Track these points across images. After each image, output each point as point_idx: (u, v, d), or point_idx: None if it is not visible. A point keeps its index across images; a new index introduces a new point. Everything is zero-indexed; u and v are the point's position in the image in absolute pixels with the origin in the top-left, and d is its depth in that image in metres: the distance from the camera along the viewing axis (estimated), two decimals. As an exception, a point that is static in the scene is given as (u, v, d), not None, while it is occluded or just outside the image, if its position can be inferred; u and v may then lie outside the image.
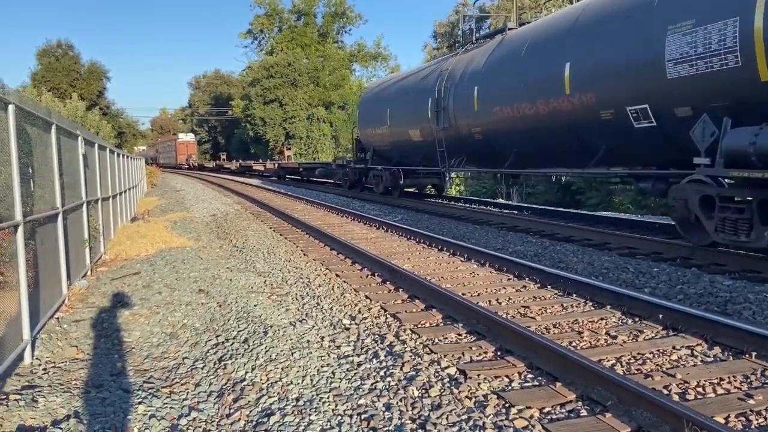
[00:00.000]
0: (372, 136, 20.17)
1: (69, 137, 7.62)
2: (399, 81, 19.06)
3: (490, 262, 7.94)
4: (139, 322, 5.97)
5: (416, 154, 17.34)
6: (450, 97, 14.58)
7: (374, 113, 19.76)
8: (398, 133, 18.00)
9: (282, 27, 60.49)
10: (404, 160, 18.56)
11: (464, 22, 46.54)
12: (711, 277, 6.91)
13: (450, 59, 15.57)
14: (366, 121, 20.71)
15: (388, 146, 19.25)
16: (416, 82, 17.14)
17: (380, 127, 19.17)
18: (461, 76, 14.28)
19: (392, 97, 18.69)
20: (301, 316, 5.76)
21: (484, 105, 13.07)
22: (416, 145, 17.01)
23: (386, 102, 18.92)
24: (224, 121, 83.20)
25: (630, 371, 4.15)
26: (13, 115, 4.55)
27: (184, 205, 19.64)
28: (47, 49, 60.80)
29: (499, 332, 4.82)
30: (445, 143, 14.99)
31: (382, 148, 19.78)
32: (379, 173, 19.87)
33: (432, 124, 15.45)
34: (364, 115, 21.15)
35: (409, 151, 17.84)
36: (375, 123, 19.61)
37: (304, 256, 9.29)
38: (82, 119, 44.85)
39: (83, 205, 8.25)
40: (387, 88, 19.85)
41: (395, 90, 18.77)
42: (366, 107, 21.25)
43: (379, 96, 20.12)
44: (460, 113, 14.26)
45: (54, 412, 3.66)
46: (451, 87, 14.60)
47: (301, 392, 3.94)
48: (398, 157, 18.86)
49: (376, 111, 19.52)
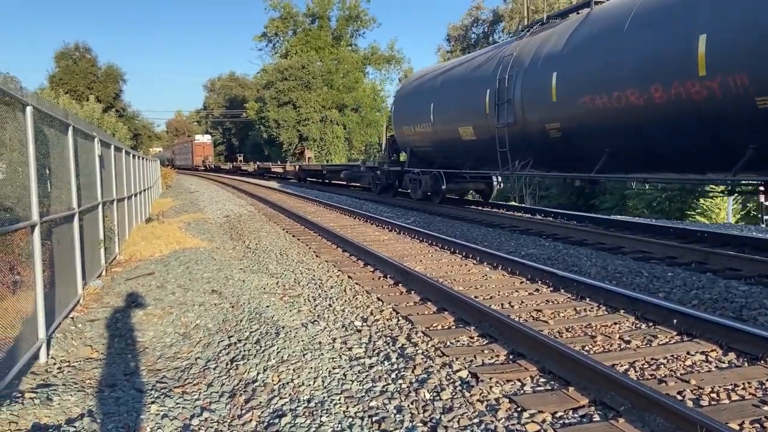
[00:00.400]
0: (410, 136, 18.15)
1: (86, 139, 7.71)
2: (445, 72, 16.54)
3: (502, 265, 7.91)
4: (152, 322, 6.01)
5: (466, 155, 15.22)
6: (516, 86, 12.27)
7: (413, 109, 17.63)
8: (444, 132, 15.82)
9: (296, 30, 60.75)
10: (450, 162, 16.42)
11: (477, 25, 46.52)
12: (726, 282, 6.83)
13: (513, 43, 13.25)
14: (402, 119, 18.67)
15: (429, 146, 17.15)
16: (468, 72, 14.81)
17: (421, 124, 17.07)
18: (532, 61, 11.95)
19: (437, 90, 16.34)
20: (313, 318, 5.77)
21: (566, 94, 10.84)
22: (467, 145, 14.83)
23: (429, 96, 16.66)
24: (238, 124, 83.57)
25: (644, 376, 4.11)
26: (31, 117, 4.61)
27: (198, 207, 19.77)
28: (65, 51, 61.47)
29: (512, 335, 4.80)
30: (508, 142, 12.58)
31: (422, 149, 17.71)
32: (416, 177, 17.91)
33: (490, 120, 13.21)
34: (400, 113, 19.07)
35: (457, 152, 15.66)
36: (414, 120, 17.54)
37: (316, 257, 9.31)
38: (99, 121, 45.30)
39: (99, 205, 8.33)
40: (430, 80, 17.32)
41: (441, 82, 16.34)
42: (403, 103, 19.04)
43: (420, 90, 17.73)
44: (530, 106, 11.98)
45: (68, 411, 3.69)
46: (517, 75, 12.30)
47: (313, 394, 3.95)
48: (442, 158, 16.78)
49: (416, 107, 17.37)
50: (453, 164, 16.26)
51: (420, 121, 17.08)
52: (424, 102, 16.81)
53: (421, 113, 16.90)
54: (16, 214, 4.68)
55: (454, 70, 16.09)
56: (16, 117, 4.65)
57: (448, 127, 15.54)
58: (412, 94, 18.41)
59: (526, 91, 12.05)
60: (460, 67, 15.85)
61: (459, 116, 14.87)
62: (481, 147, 14.18)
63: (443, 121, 15.79)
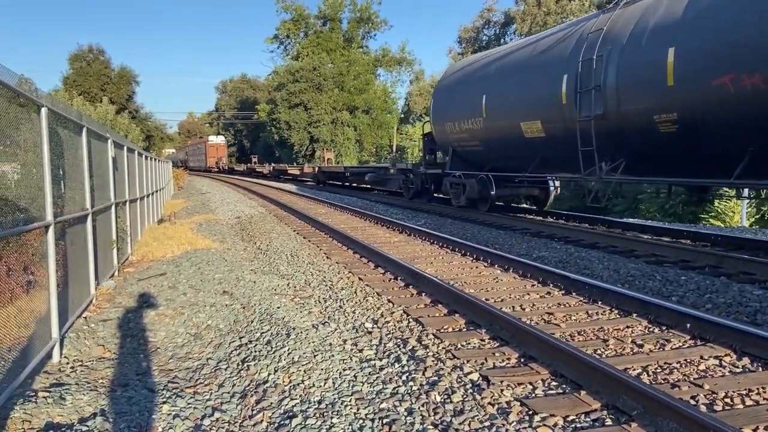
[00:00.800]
0: (452, 134, 15.74)
1: (99, 140, 7.77)
2: (501, 57, 14.09)
3: (513, 268, 7.88)
4: (164, 322, 6.04)
5: (529, 155, 12.70)
6: (608, 69, 9.93)
7: (458, 103, 15.34)
8: (499, 128, 13.46)
9: (308, 32, 60.98)
10: (505, 164, 14.01)
11: (489, 27, 46.40)
12: (740, 286, 6.77)
13: (600, 16, 10.84)
14: (443, 115, 16.27)
15: (478, 146, 14.80)
16: (534, 56, 12.41)
17: (468, 120, 14.70)
18: (633, 35, 9.60)
19: (490, 79, 13.99)
20: (323, 319, 5.78)
21: (691, 75, 8.45)
22: (532, 143, 12.41)
23: (479, 87, 14.31)
24: (250, 125, 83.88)
25: (656, 381, 4.08)
26: (46, 118, 4.65)
27: (210, 208, 19.87)
28: (79, 53, 62.08)
29: (523, 338, 4.77)
30: (595, 139, 10.19)
31: (469, 149, 15.33)
32: (459, 181, 15.63)
33: (567, 113, 10.95)
34: (440, 107, 16.64)
35: (516, 152, 13.23)
36: (459, 116, 15.18)
37: (327, 258, 9.32)
38: (112, 122, 45.68)
39: (112, 206, 8.39)
40: (481, 68, 14.92)
41: (495, 70, 13.94)
42: (444, 96, 16.55)
43: (468, 80, 15.32)
44: (630, 92, 9.60)
45: (81, 410, 3.72)
46: (610, 54, 9.92)
47: (323, 395, 3.95)
48: (495, 160, 14.40)
49: (462, 100, 15.13)
50: (509, 166, 13.87)
51: (467, 117, 14.73)
52: (472, 94, 14.46)
53: (468, 107, 14.60)
54: (31, 214, 4.72)
55: (513, 54, 13.56)
56: (30, 118, 4.70)
57: (505, 122, 13.15)
58: (456, 85, 15.89)
59: (625, 74, 9.67)
60: (521, 51, 13.24)
61: (522, 109, 12.45)
62: (551, 145, 11.84)
63: (499, 116, 13.42)
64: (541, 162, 12.61)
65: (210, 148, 70.52)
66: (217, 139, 73.76)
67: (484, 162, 14.83)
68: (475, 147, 15.00)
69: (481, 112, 14.02)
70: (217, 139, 73.60)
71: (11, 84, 4.05)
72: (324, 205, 19.86)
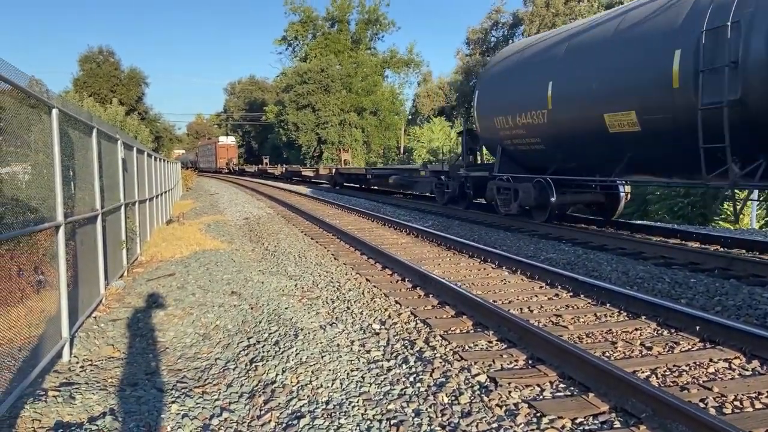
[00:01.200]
0: (503, 130, 13.43)
1: (109, 141, 7.82)
2: (574, 35, 11.60)
3: (521, 270, 7.87)
4: (173, 322, 6.07)
5: (613, 155, 10.31)
6: (751, 39, 7.66)
7: (511, 93, 13.17)
8: (571, 122, 11.14)
9: (316, 34, 61.15)
10: (577, 164, 11.72)
11: (497, 29, 46.33)
12: (750, 288, 6.73)
13: None
14: (491, 108, 14.00)
15: (539, 143, 12.41)
16: (625, 30, 10.03)
17: (526, 113, 12.40)
18: None
19: (558, 62, 11.64)
20: (331, 320, 5.79)
21: None
22: (618, 140, 10.04)
23: (542, 72, 12.00)
24: (258, 126, 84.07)
25: (665, 383, 4.06)
26: (57, 119, 4.69)
27: (218, 209, 19.94)
28: (89, 55, 62.46)
29: (531, 340, 4.77)
30: (729, 132, 7.78)
31: (525, 147, 12.94)
32: (509, 185, 13.37)
33: (680, 98, 8.65)
34: (487, 100, 14.37)
35: (595, 150, 10.86)
36: (512, 109, 12.91)
37: (334, 260, 9.34)
38: (122, 124, 45.91)
39: (121, 207, 8.44)
40: (544, 51, 12.49)
41: (566, 51, 11.52)
42: (492, 87, 14.29)
43: (525, 65, 13.00)
44: None
45: (90, 409, 3.74)
46: (753, 19, 7.66)
47: (331, 396, 3.96)
48: (561, 160, 12.04)
49: (517, 89, 12.93)
50: (580, 168, 11.66)
51: (524, 109, 12.46)
52: (533, 81, 12.23)
53: (526, 97, 12.43)
54: (42, 214, 4.76)
55: (591, 31, 11.13)
56: (41, 119, 4.73)
57: (580, 114, 10.86)
58: (509, 72, 13.61)
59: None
60: (602, 26, 10.87)
61: (606, 97, 10.17)
62: (650, 142, 9.59)
63: (572, 107, 11.12)
64: (629, 162, 10.19)
65: (220, 149, 69.56)
66: (228, 140, 72.59)
67: (546, 163, 12.51)
68: (534, 145, 12.60)
69: (546, 103, 11.69)
70: (227, 140, 72.44)
71: (22, 85, 4.08)
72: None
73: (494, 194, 14.09)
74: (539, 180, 12.32)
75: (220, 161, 68.45)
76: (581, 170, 11.61)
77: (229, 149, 70.01)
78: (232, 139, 75.35)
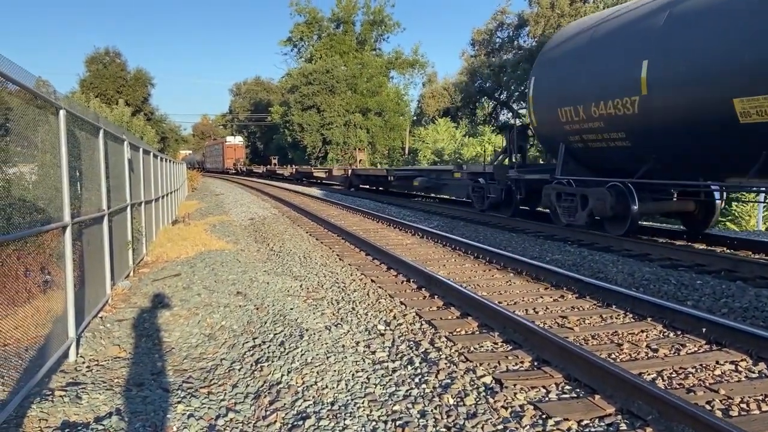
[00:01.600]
0: (570, 123, 11.31)
1: (115, 142, 7.85)
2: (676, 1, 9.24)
3: (527, 271, 7.85)
4: (178, 322, 6.09)
5: (744, 150, 8.24)
6: None
7: (584, 78, 10.92)
8: (681, 110, 8.85)
9: (321, 35, 61.15)
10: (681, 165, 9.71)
11: (502, 30, 46.21)
12: (757, 290, 6.70)
13: None
14: (554, 97, 11.83)
15: (623, 139, 10.19)
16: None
17: (607, 102, 10.15)
18: None
19: (656, 34, 9.27)
20: (336, 321, 5.79)
21: None
22: (755, 131, 7.86)
23: (632, 49, 9.71)
24: (263, 127, 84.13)
25: (671, 385, 4.05)
26: (64, 120, 4.71)
27: (223, 209, 19.98)
28: (95, 56, 62.68)
29: (536, 342, 4.76)
30: None
31: (605, 143, 10.71)
32: (574, 191, 11.33)
33: None
34: (548, 88, 12.19)
35: (715, 145, 8.69)
36: (586, 96, 10.71)
37: (339, 260, 9.34)
38: (128, 124, 46.07)
39: (127, 207, 8.47)
40: (631, 23, 10.16)
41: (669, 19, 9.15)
42: (556, 72, 12.00)
43: (605, 42, 10.66)
44: None
45: (97, 409, 3.76)
46: None
47: (336, 396, 3.96)
48: (656, 159, 9.85)
49: (593, 73, 10.69)
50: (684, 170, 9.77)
51: (603, 97, 10.27)
52: (615, 62, 10.09)
53: (606, 83, 10.24)
54: (48, 215, 4.78)
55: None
56: (48, 120, 4.75)
57: (695, 99, 8.62)
58: (578, 54, 11.35)
59: None
60: None
61: (739, 76, 7.88)
62: None
63: (680, 91, 8.83)
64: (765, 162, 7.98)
65: (228, 149, 68.54)
66: (236, 140, 71.47)
67: (629, 163, 10.40)
68: (616, 141, 10.42)
69: (638, 88, 9.48)
70: (235, 140, 71.34)
71: (30, 86, 4.10)
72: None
73: (552, 201, 11.96)
74: (616, 184, 10.27)
75: (228, 161, 67.56)
76: (680, 171, 9.77)
77: (236, 149, 69.05)
78: (239, 139, 74.23)
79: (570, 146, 11.76)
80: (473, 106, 51.39)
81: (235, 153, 68.51)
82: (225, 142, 71.54)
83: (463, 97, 51.69)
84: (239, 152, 69.42)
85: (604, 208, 10.39)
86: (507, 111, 50.67)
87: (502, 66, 46.24)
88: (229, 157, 68.05)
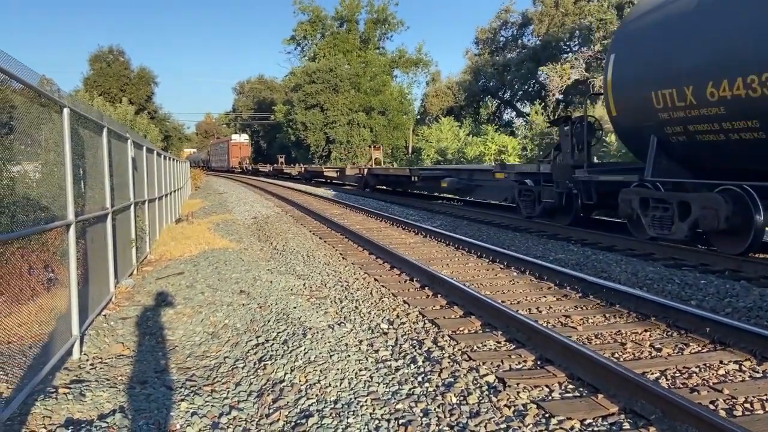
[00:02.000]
0: (671, 110, 8.92)
1: (119, 140, 7.86)
2: None
3: (530, 270, 7.84)
4: (182, 321, 6.10)
5: None
6: None
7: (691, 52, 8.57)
8: None
9: (324, 33, 61.13)
10: None
11: (506, 28, 46.10)
12: (761, 290, 6.68)
13: None
14: (645, 77, 9.44)
15: (760, 128, 7.69)
16: None
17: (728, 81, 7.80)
18: None
19: None
20: (339, 320, 5.79)
21: None
22: None
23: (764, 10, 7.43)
24: (266, 126, 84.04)
25: (675, 385, 4.04)
26: (68, 118, 4.71)
27: (227, 208, 20.00)
28: (99, 54, 62.71)
29: (540, 341, 4.75)
30: None
31: (724, 136, 8.27)
32: (668, 197, 9.16)
33: None
34: (635, 67, 9.75)
35: None
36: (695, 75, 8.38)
37: (342, 259, 9.35)
38: (131, 123, 46.10)
39: (131, 206, 8.48)
40: None
41: None
42: (646, 46, 9.53)
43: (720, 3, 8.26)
44: None
45: (100, 407, 3.77)
46: None
47: (339, 395, 3.96)
48: None
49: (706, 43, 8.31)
50: None
51: (721, 75, 7.93)
52: (738, 30, 7.80)
53: (727, 56, 7.90)
54: (52, 212, 4.79)
55: None
56: (51, 118, 4.77)
57: None
58: (678, 21, 8.93)
59: None
60: None
61: None
62: None
63: None
64: None
65: (233, 148, 67.39)
66: (241, 138, 70.17)
67: (759, 162, 8.22)
68: (740, 133, 8.01)
69: None
70: (240, 138, 69.98)
71: (34, 84, 4.11)
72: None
73: (635, 208, 9.79)
74: (732, 189, 8.17)
75: (233, 160, 66.44)
76: None
77: (242, 148, 67.90)
78: (245, 137, 73.00)
79: (665, 140, 9.36)
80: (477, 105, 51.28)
81: (240, 151, 67.50)
82: (230, 140, 70.53)
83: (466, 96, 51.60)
84: (245, 150, 68.33)
85: (715, 218, 8.18)
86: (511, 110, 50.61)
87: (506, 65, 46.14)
88: (235, 155, 67.06)
